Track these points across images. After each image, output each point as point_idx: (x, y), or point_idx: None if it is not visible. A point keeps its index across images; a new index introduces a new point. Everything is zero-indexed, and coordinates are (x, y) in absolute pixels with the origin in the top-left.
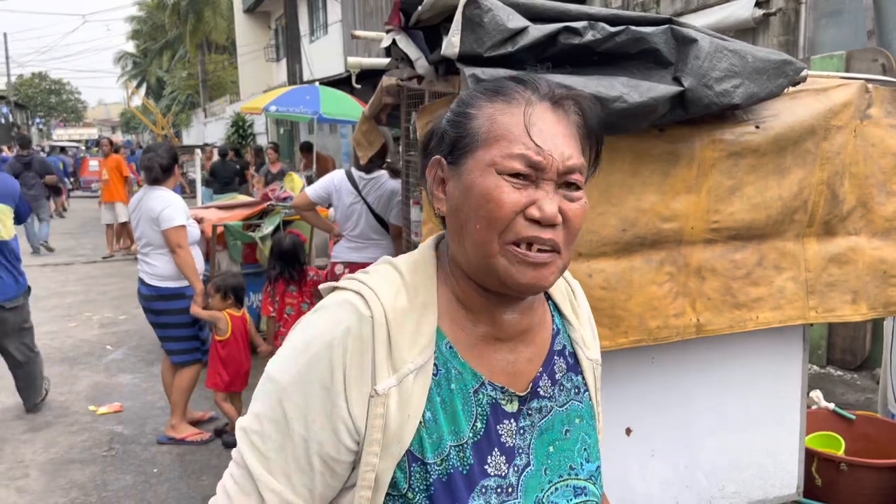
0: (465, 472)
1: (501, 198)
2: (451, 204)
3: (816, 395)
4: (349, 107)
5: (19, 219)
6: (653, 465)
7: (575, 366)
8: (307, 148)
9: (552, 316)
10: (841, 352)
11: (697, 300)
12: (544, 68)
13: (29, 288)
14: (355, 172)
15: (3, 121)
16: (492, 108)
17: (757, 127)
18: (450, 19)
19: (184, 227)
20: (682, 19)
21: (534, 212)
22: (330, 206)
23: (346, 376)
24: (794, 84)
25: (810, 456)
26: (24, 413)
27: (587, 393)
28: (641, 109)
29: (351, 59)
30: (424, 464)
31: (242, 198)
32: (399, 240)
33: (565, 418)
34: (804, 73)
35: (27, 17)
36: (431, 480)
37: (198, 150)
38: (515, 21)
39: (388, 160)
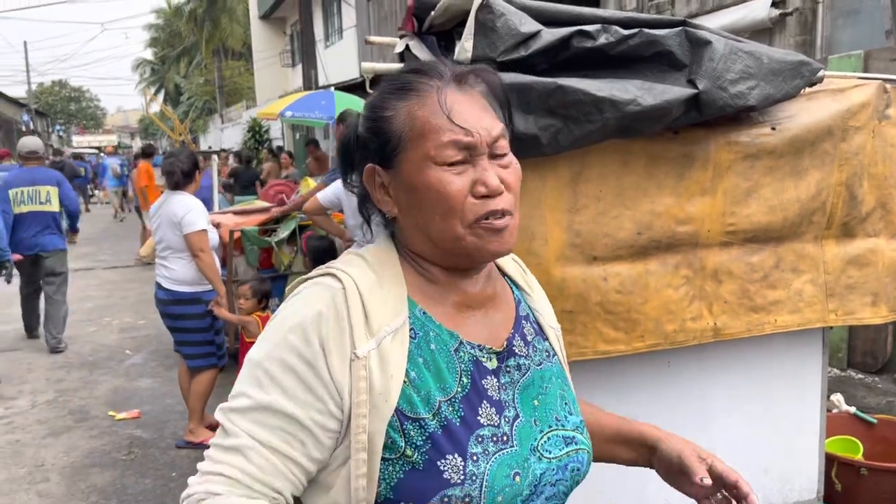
0: (458, 423)
1: (448, 189)
2: (400, 205)
3: (837, 398)
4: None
5: (70, 209)
6: None
7: (541, 332)
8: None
9: (511, 288)
10: (862, 354)
11: (714, 303)
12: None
13: (64, 249)
14: None
15: (23, 128)
16: (406, 105)
17: (773, 128)
18: (463, 24)
19: (206, 231)
20: (698, 20)
21: (480, 189)
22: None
23: (324, 346)
24: (811, 85)
25: (830, 460)
26: (44, 417)
27: (556, 357)
28: (655, 112)
29: (365, 65)
30: (417, 420)
31: (259, 203)
32: None
33: (543, 375)
34: (821, 73)
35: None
36: (429, 434)
37: (214, 157)
38: (528, 25)
39: None
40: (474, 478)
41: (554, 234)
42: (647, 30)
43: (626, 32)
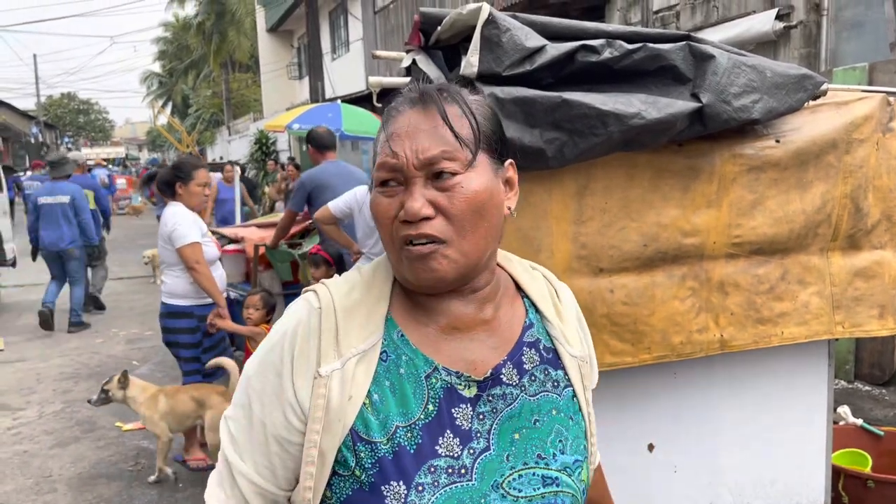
0: (412, 450)
1: (379, 210)
2: None
3: (844, 410)
4: (371, 124)
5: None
6: (676, 482)
7: (555, 360)
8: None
9: (526, 311)
10: (869, 367)
11: (721, 315)
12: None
13: (101, 240)
14: None
15: (32, 140)
16: (385, 129)
17: (777, 141)
18: (469, 39)
19: (198, 243)
20: (702, 33)
21: (402, 213)
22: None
23: (293, 362)
24: (815, 98)
25: (837, 473)
26: (52, 428)
27: (569, 388)
28: (660, 125)
29: (372, 79)
30: (370, 442)
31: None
32: None
33: (535, 408)
34: (824, 86)
35: (57, 39)
36: (378, 457)
37: (237, 167)
38: (533, 40)
39: None
40: None
41: (560, 246)
42: (651, 44)
43: (630, 47)
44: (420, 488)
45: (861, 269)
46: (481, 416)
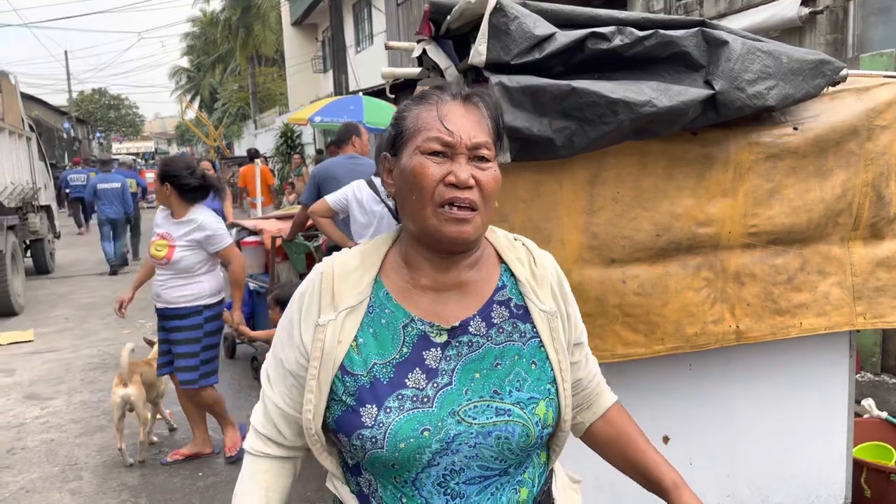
0: (385, 381)
1: (425, 171)
2: (396, 186)
3: (868, 403)
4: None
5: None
6: (692, 474)
7: (524, 315)
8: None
9: (501, 275)
10: None
11: (737, 306)
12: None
13: (133, 215)
14: (377, 180)
15: (65, 135)
16: (417, 109)
17: (795, 128)
18: (478, 28)
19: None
20: (727, 20)
21: (451, 178)
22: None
23: (301, 315)
24: (834, 84)
25: (859, 466)
26: (79, 417)
27: (536, 339)
28: (671, 113)
29: (384, 70)
30: (353, 375)
31: (298, 208)
32: None
33: (499, 354)
34: (844, 72)
35: (86, 35)
36: (358, 386)
37: (257, 161)
38: (542, 28)
39: None
40: (381, 425)
41: (571, 237)
42: (662, 31)
43: (641, 34)
44: (388, 410)
45: (883, 259)
46: (448, 358)
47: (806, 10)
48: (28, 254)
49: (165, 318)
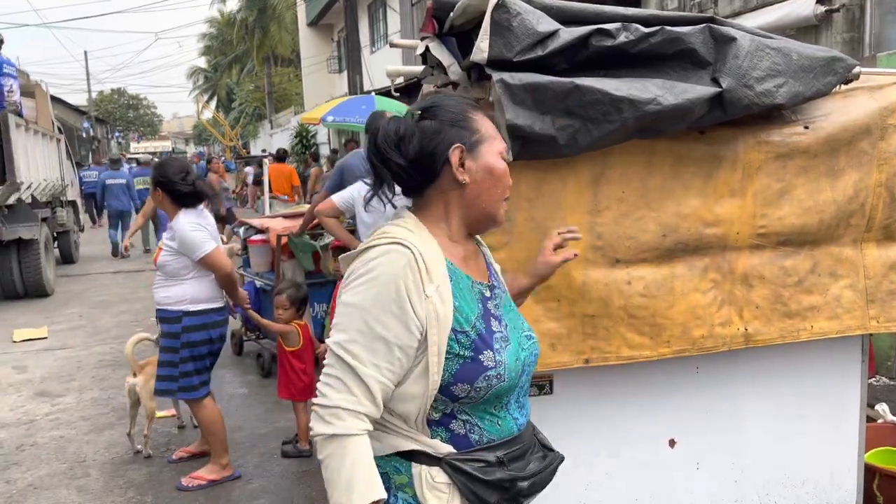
0: (484, 331)
1: (507, 174)
2: (474, 178)
3: (882, 408)
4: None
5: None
6: (699, 479)
7: (498, 275)
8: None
9: (479, 245)
10: None
11: (745, 308)
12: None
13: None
14: None
15: (84, 135)
16: (480, 116)
17: (806, 127)
18: (481, 25)
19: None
20: (741, 18)
21: (508, 180)
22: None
23: (408, 292)
24: (846, 82)
25: (871, 472)
26: (88, 414)
27: (507, 292)
28: (677, 112)
29: (389, 68)
30: (464, 332)
31: (306, 207)
32: None
33: (507, 298)
34: (856, 70)
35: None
36: (472, 339)
37: (265, 161)
38: (545, 24)
39: None
40: (500, 363)
41: None
42: (668, 27)
43: (646, 30)
44: (498, 351)
45: None
46: (497, 306)
47: (822, 9)
48: (55, 244)
49: (159, 320)
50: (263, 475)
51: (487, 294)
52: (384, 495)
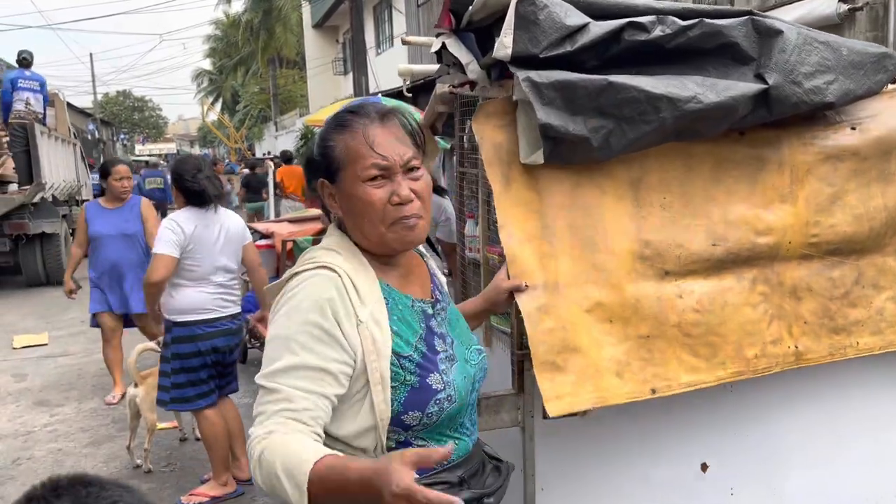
0: (428, 353)
1: (372, 198)
2: (343, 209)
3: None
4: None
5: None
6: None
7: (441, 286)
8: None
9: (422, 255)
10: None
11: (794, 324)
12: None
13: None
14: None
15: (89, 137)
16: (342, 137)
17: (853, 128)
18: (503, 19)
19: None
20: None
21: (395, 199)
22: None
23: (336, 317)
24: (895, 81)
25: None
26: (88, 426)
27: (451, 301)
28: (719, 110)
29: (401, 67)
30: (407, 357)
31: (314, 211)
32: (453, 255)
33: (453, 311)
34: None
35: (107, 37)
36: (416, 363)
37: (269, 163)
38: (574, 18)
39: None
40: (448, 384)
41: (620, 246)
42: (708, 20)
43: (684, 23)
44: (445, 372)
45: None
46: (440, 323)
47: (845, 7)
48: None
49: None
50: None
51: (430, 311)
52: (323, 452)
